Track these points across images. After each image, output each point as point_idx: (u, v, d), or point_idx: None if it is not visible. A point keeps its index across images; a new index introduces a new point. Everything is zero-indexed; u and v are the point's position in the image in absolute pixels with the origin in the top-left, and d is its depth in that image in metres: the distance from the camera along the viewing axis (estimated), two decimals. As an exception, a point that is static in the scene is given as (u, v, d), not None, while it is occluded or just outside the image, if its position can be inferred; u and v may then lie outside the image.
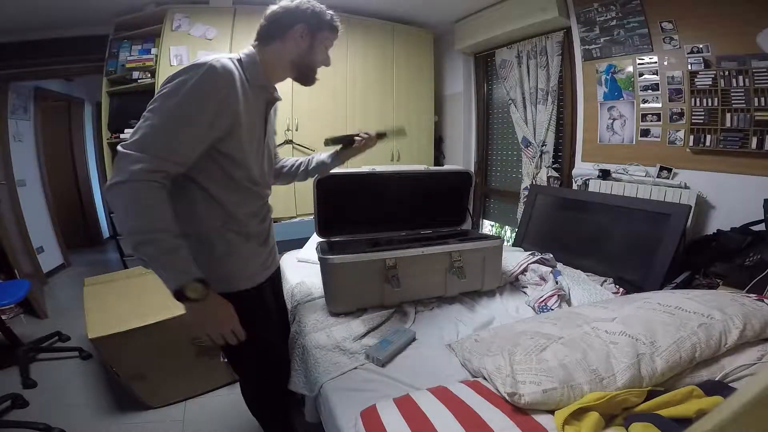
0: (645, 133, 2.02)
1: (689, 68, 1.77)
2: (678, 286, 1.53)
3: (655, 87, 1.94)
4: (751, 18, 1.56)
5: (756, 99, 1.57)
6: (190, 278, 0.80)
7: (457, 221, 1.92)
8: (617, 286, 1.65)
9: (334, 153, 1.28)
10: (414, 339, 1.25)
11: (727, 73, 1.64)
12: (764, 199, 1.53)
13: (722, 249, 1.59)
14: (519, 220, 2.48)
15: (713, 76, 1.68)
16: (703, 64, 1.72)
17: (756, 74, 1.56)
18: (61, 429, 1.56)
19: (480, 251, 1.51)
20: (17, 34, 2.60)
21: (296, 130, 2.69)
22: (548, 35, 2.43)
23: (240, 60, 0.92)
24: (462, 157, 3.34)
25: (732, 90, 1.63)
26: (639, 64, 2.00)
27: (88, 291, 1.90)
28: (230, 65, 0.86)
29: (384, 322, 1.36)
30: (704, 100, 1.73)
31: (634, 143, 2.08)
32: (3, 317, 2.20)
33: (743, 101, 1.61)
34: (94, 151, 4.40)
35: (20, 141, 3.22)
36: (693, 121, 1.78)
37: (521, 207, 2.63)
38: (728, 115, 1.66)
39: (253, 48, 0.97)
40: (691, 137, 1.79)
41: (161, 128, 0.79)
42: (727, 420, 0.32)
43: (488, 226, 3.36)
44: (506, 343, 0.97)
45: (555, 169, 2.54)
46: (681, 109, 1.85)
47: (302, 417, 1.21)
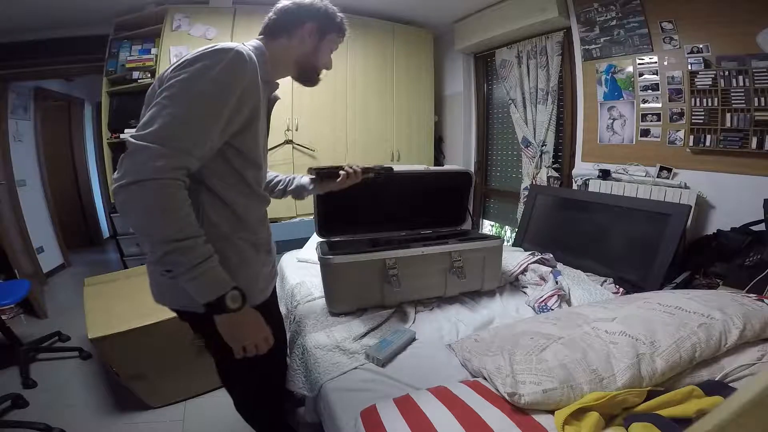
0: (645, 133, 2.02)
1: (689, 68, 1.77)
2: (678, 286, 1.53)
3: (655, 87, 1.94)
4: (751, 18, 1.56)
5: (756, 99, 1.57)
6: (229, 287, 0.74)
7: (457, 221, 1.92)
8: (617, 286, 1.65)
9: (317, 180, 1.21)
10: (414, 339, 1.25)
11: (727, 73, 1.64)
12: (764, 199, 1.52)
13: (722, 249, 1.59)
14: (519, 220, 2.48)
15: (713, 76, 1.68)
16: (703, 64, 1.72)
17: (756, 74, 1.56)
18: (61, 429, 1.56)
19: (480, 251, 1.51)
20: (17, 34, 2.60)
21: (296, 130, 2.69)
22: (548, 35, 2.43)
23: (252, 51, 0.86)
24: (462, 157, 3.34)
25: (732, 90, 1.63)
26: (639, 64, 2.00)
27: (88, 291, 1.90)
28: (252, 53, 0.81)
29: (384, 322, 1.35)
30: (704, 100, 1.73)
31: (634, 143, 2.08)
32: (3, 317, 2.20)
33: (743, 101, 1.61)
34: (94, 151, 4.41)
35: (20, 141, 3.22)
36: (693, 121, 1.78)
37: (521, 207, 2.63)
38: (728, 115, 1.66)
39: (260, 42, 0.91)
40: (691, 137, 1.79)
41: (184, 118, 0.70)
42: (727, 420, 0.32)
43: (488, 226, 3.36)
44: (506, 343, 0.97)
45: (555, 169, 2.54)
46: (681, 109, 1.85)
47: (295, 416, 1.19)
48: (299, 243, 2.22)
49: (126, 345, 1.53)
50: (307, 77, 0.98)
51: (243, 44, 0.82)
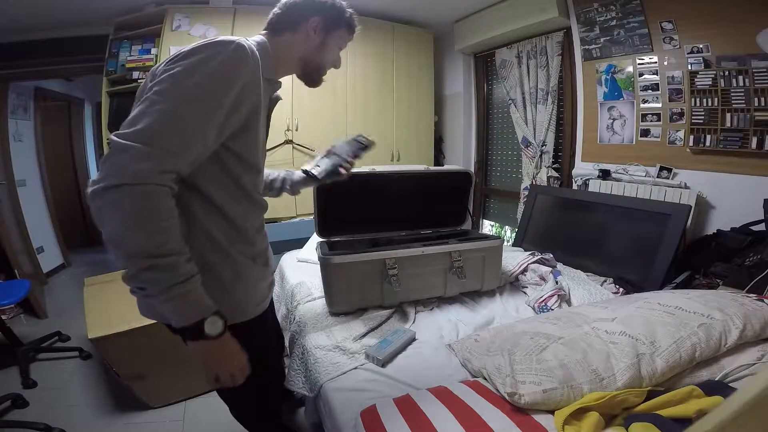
0: (645, 133, 2.02)
1: (689, 68, 1.77)
2: (678, 286, 1.53)
3: (655, 87, 1.94)
4: (751, 18, 1.56)
5: (756, 99, 1.57)
6: (209, 312, 0.66)
7: (457, 221, 1.92)
8: (617, 286, 1.65)
9: (312, 175, 1.13)
10: (414, 339, 1.25)
11: (727, 73, 1.64)
12: (764, 199, 1.52)
13: (722, 249, 1.59)
14: (519, 220, 2.48)
15: (713, 76, 1.68)
16: (703, 64, 1.72)
17: (756, 74, 1.56)
18: (61, 429, 1.56)
19: (480, 251, 1.51)
20: (17, 34, 2.60)
21: (296, 130, 2.69)
22: (548, 35, 2.43)
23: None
24: (462, 157, 3.34)
25: (732, 90, 1.63)
26: (639, 64, 2.00)
27: (88, 291, 1.90)
28: (255, 48, 0.75)
29: (384, 322, 1.35)
30: (704, 100, 1.73)
31: (634, 143, 2.08)
32: (3, 317, 2.20)
33: (743, 101, 1.61)
34: (94, 152, 4.40)
35: (20, 141, 3.22)
36: (693, 121, 1.78)
37: (521, 207, 2.63)
38: (728, 115, 1.66)
39: (263, 37, 0.85)
40: (691, 137, 1.79)
41: (174, 115, 0.62)
42: (727, 420, 0.31)
43: (488, 226, 3.36)
44: (506, 343, 0.97)
45: (555, 169, 2.54)
46: (681, 109, 1.85)
47: (295, 416, 1.18)
48: (299, 243, 2.22)
49: (126, 345, 1.53)
50: (312, 76, 0.93)
51: (246, 39, 0.76)
